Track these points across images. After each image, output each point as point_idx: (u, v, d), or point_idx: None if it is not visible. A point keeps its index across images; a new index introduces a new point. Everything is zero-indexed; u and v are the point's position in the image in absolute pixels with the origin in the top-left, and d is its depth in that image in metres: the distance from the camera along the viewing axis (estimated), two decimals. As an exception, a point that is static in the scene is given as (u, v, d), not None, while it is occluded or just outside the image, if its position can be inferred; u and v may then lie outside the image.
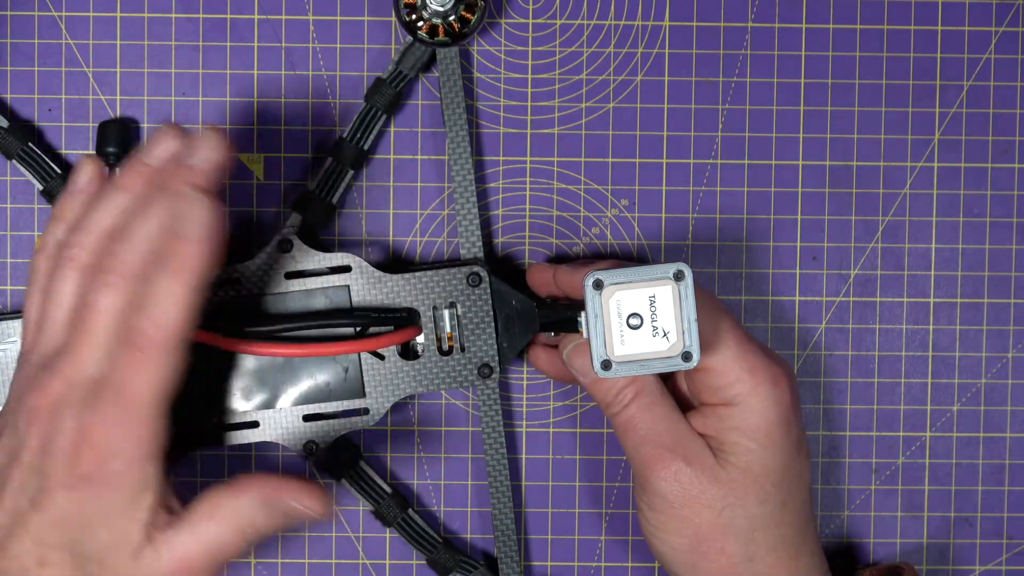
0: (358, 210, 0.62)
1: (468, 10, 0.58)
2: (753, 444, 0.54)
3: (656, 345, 0.52)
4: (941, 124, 0.63)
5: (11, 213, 0.61)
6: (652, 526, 0.56)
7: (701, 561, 0.55)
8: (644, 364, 0.52)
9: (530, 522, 0.63)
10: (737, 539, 0.55)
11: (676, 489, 0.54)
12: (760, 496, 0.54)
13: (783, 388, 0.54)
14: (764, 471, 0.54)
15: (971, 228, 0.63)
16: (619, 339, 0.52)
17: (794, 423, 0.55)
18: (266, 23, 0.62)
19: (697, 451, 0.55)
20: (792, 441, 0.55)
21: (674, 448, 0.55)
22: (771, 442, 0.54)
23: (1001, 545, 0.64)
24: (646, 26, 0.62)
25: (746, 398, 0.54)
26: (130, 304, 0.48)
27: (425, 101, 0.62)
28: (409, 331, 0.57)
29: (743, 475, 0.54)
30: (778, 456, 0.54)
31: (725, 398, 0.54)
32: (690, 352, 0.52)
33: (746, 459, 0.54)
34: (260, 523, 0.50)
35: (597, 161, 0.62)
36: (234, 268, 0.57)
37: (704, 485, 0.54)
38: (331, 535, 0.63)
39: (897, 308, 0.63)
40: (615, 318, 0.52)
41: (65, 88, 0.61)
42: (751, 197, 0.62)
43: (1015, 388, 0.63)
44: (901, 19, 0.62)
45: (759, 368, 0.54)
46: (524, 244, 0.62)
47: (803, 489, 0.56)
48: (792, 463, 0.55)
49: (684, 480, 0.54)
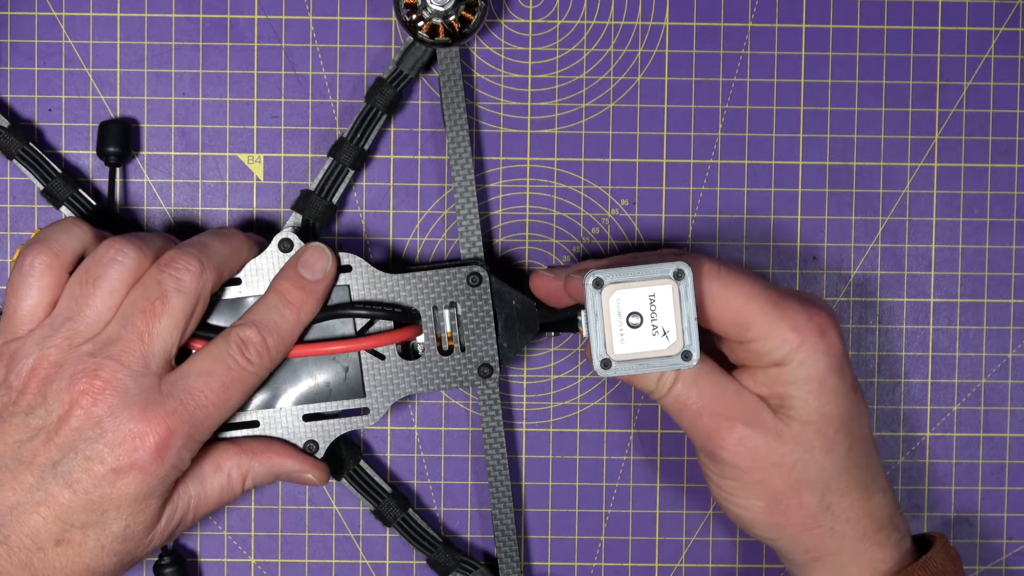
0: (358, 210, 0.62)
1: (468, 10, 0.58)
2: (811, 396, 0.54)
3: (656, 344, 0.52)
4: (941, 124, 0.63)
5: (11, 213, 0.61)
6: (727, 493, 0.56)
7: (780, 519, 0.55)
8: (644, 363, 0.52)
9: (530, 522, 0.63)
10: (812, 491, 0.55)
11: (744, 454, 0.54)
12: (826, 446, 0.54)
13: (831, 336, 0.54)
14: (825, 420, 0.54)
15: (971, 228, 0.63)
16: (619, 338, 0.52)
17: (847, 367, 0.55)
18: (266, 23, 0.61)
19: (756, 412, 0.54)
20: (848, 385, 0.55)
21: (732, 415, 0.54)
22: (827, 390, 0.54)
23: (1001, 545, 0.64)
24: (646, 26, 0.62)
25: (795, 354, 0.54)
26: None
27: (425, 101, 0.62)
28: (409, 330, 0.57)
29: (806, 428, 0.54)
30: (837, 403, 0.54)
31: (775, 359, 0.54)
32: (690, 351, 0.52)
33: (806, 412, 0.54)
34: (261, 481, 0.57)
35: (597, 161, 0.62)
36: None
37: (771, 445, 0.54)
38: (331, 535, 0.63)
39: (897, 308, 0.63)
40: (615, 317, 0.52)
41: (65, 88, 0.61)
42: (751, 197, 0.62)
43: (1015, 388, 0.63)
44: (901, 19, 0.62)
45: (801, 323, 0.54)
46: (524, 244, 0.62)
47: (864, 428, 0.56)
48: (852, 407, 0.55)
49: (750, 444, 0.54)
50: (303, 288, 0.56)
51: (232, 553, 0.62)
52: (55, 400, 0.52)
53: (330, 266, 0.56)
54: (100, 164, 0.61)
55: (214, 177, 0.62)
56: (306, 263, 0.56)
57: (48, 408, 0.52)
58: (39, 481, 0.52)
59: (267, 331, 0.55)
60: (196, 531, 0.62)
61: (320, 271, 0.56)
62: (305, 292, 0.56)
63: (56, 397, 0.52)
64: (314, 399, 0.58)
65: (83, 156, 0.61)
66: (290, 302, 0.55)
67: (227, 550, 0.62)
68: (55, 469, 0.52)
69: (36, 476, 0.52)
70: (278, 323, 0.55)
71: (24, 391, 0.52)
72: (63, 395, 0.52)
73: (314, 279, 0.56)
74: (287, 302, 0.55)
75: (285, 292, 0.55)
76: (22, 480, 0.52)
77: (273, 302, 0.55)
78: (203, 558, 0.62)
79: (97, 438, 0.52)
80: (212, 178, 0.62)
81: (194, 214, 0.62)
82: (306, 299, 0.56)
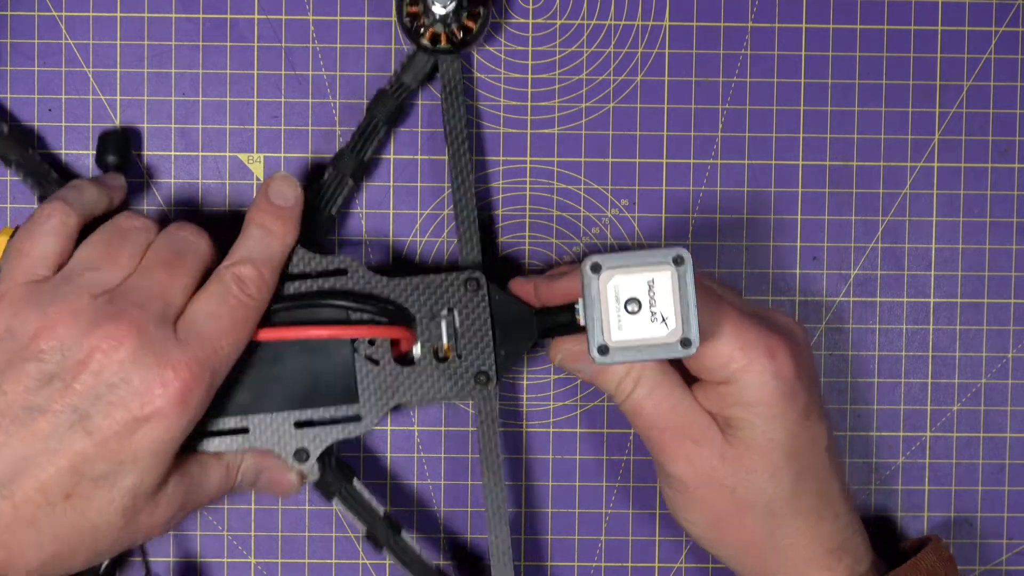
0: (358, 210, 0.62)
1: (471, 18, 0.58)
2: (756, 419, 0.54)
3: (654, 331, 0.52)
4: (941, 124, 0.63)
5: (11, 213, 0.61)
6: (674, 504, 0.56)
7: (724, 537, 0.56)
8: (642, 350, 0.52)
9: (530, 522, 0.63)
10: (755, 515, 0.55)
11: (689, 471, 0.55)
12: (770, 471, 0.54)
13: (781, 358, 0.54)
14: (771, 445, 0.54)
15: (971, 228, 0.63)
16: (616, 324, 0.52)
17: (799, 391, 0.54)
18: (266, 23, 0.62)
19: (704, 430, 0.55)
20: (798, 410, 0.54)
21: (682, 430, 0.55)
22: (774, 415, 0.54)
23: (1001, 545, 0.64)
24: (646, 26, 0.62)
25: (742, 374, 0.53)
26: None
27: (425, 101, 0.62)
28: (400, 329, 0.57)
29: (750, 451, 0.54)
30: (783, 428, 0.54)
31: (722, 377, 0.54)
32: (689, 339, 0.52)
33: (751, 434, 0.54)
34: (249, 478, 0.57)
35: (597, 161, 0.62)
36: None
37: (715, 464, 0.54)
38: (331, 535, 0.63)
39: (897, 308, 0.63)
40: (612, 303, 0.52)
41: (65, 88, 0.61)
42: (751, 197, 0.62)
43: (1015, 388, 0.63)
44: (901, 19, 0.62)
45: (751, 342, 0.53)
46: (524, 244, 0.62)
47: (819, 455, 0.55)
48: (801, 432, 0.55)
49: (696, 462, 0.54)
50: (280, 216, 0.56)
51: (232, 553, 0.62)
52: (74, 346, 0.50)
53: (299, 190, 0.56)
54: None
55: (214, 177, 0.62)
56: (277, 192, 0.56)
57: (65, 353, 0.50)
58: (54, 429, 0.50)
59: (260, 264, 0.55)
60: (196, 531, 0.62)
61: (292, 197, 0.56)
62: (283, 220, 0.56)
63: (75, 342, 0.50)
64: (305, 404, 0.57)
65: (83, 156, 0.61)
66: (272, 231, 0.55)
67: (227, 550, 0.62)
68: (74, 415, 0.50)
69: (52, 424, 0.50)
70: (267, 254, 0.55)
71: (37, 337, 0.51)
72: (83, 340, 0.50)
73: (288, 205, 0.56)
74: (270, 232, 0.55)
75: (265, 223, 0.55)
76: (35, 429, 0.50)
77: (257, 235, 0.55)
78: (203, 558, 0.62)
79: (120, 384, 0.50)
80: (212, 178, 0.62)
81: (194, 214, 0.62)
82: (287, 226, 0.56)
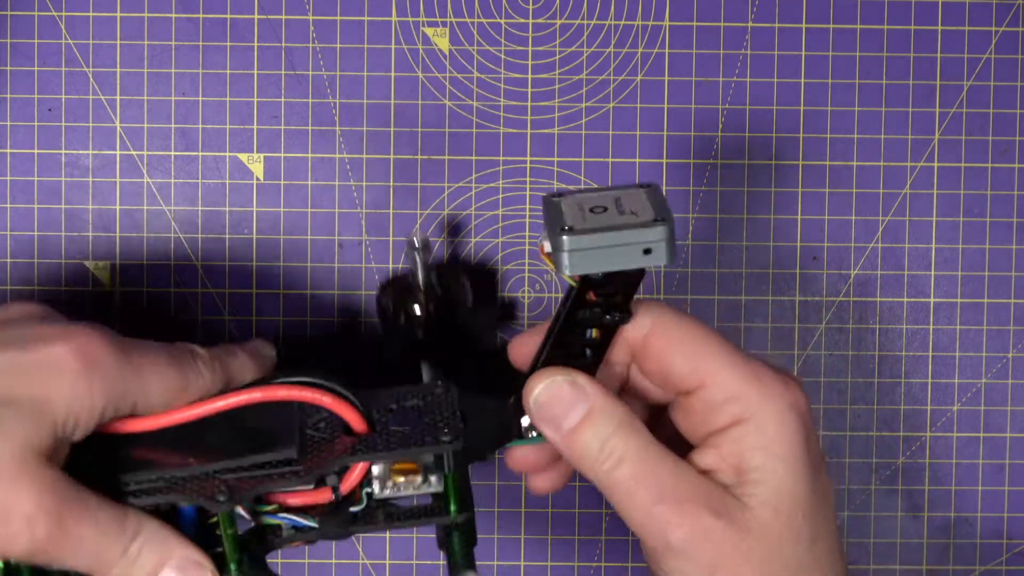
0: (358, 210, 0.62)
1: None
2: (778, 464, 0.46)
3: (623, 220, 0.44)
4: (941, 124, 0.63)
5: (11, 213, 0.61)
6: None
7: None
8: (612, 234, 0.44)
9: (530, 522, 0.63)
10: None
11: (709, 550, 0.46)
12: (793, 535, 0.46)
13: (795, 392, 0.47)
14: (794, 501, 0.46)
15: (971, 228, 0.63)
16: (580, 217, 0.44)
17: (813, 436, 0.48)
18: (266, 23, 0.62)
19: (719, 499, 0.46)
20: (815, 457, 0.48)
21: (695, 500, 0.46)
22: (795, 458, 0.46)
23: (1001, 545, 0.64)
24: (646, 26, 0.62)
25: (758, 407, 0.46)
26: None
27: (425, 101, 0.62)
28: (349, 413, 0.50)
29: (775, 516, 0.46)
30: (803, 478, 0.47)
31: (733, 415, 0.47)
32: (663, 217, 0.44)
33: (771, 485, 0.46)
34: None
35: (597, 161, 0.62)
36: None
37: (738, 538, 0.46)
38: (331, 535, 0.63)
39: (897, 308, 0.63)
40: (575, 209, 0.45)
41: (65, 88, 0.61)
42: (751, 197, 0.62)
43: (1015, 388, 0.63)
44: (901, 19, 0.62)
45: (764, 375, 0.47)
46: (524, 244, 0.62)
47: (831, 518, 0.49)
48: (817, 483, 0.48)
49: (716, 538, 0.46)
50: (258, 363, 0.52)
51: (232, 553, 0.62)
52: None
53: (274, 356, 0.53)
54: (100, 164, 0.61)
55: (214, 177, 0.62)
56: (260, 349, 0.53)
57: None
58: None
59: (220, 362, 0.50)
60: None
61: (270, 360, 0.52)
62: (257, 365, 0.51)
63: None
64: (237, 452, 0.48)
65: (83, 157, 0.61)
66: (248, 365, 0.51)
67: (227, 550, 0.62)
68: None
69: None
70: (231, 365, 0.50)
71: None
72: None
73: (263, 364, 0.52)
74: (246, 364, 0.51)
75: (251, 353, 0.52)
76: None
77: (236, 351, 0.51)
78: (203, 558, 0.62)
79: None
80: (212, 178, 0.62)
81: (194, 214, 0.62)
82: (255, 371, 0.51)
